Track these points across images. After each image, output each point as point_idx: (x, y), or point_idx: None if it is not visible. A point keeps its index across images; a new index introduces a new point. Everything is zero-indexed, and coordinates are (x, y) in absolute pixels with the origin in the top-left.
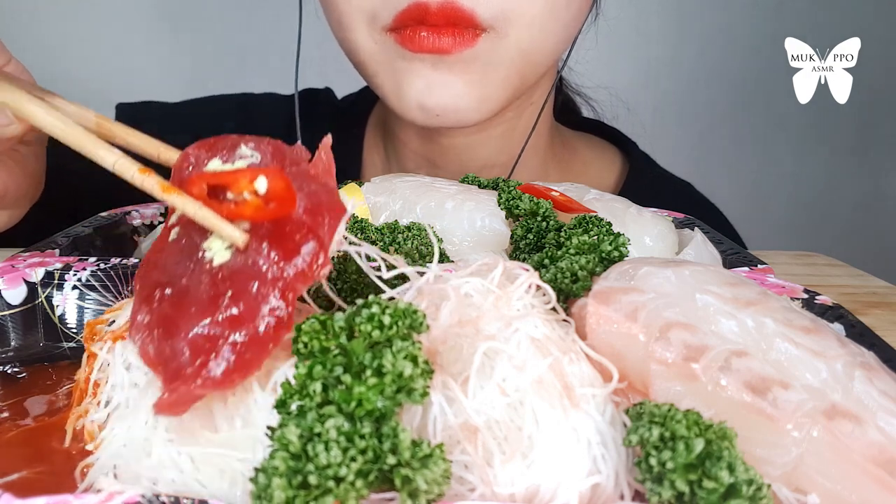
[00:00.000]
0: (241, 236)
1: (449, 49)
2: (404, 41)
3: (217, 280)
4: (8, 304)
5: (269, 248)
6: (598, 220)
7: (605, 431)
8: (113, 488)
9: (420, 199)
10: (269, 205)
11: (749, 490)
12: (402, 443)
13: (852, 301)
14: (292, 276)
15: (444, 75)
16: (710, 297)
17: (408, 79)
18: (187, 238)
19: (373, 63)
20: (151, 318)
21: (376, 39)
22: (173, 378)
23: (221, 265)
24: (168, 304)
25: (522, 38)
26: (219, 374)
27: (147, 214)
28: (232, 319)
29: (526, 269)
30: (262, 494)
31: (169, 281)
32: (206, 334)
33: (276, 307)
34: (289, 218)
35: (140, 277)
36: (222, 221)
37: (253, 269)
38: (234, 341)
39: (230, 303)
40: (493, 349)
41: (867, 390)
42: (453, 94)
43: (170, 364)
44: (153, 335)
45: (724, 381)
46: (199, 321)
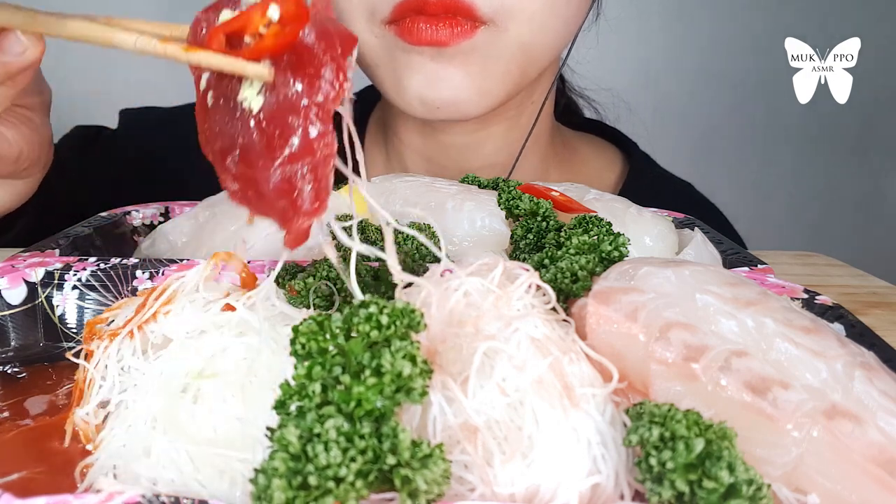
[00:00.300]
0: (267, 70)
1: (447, 41)
2: (403, 33)
3: (262, 127)
4: (8, 304)
5: (294, 78)
6: (598, 220)
7: (605, 431)
8: (113, 488)
9: (420, 199)
10: (286, 28)
11: (749, 490)
12: (401, 443)
13: (852, 301)
14: (321, 99)
15: (443, 67)
16: (710, 297)
17: (407, 72)
18: (223, 98)
19: (373, 57)
20: (239, 185)
21: (376, 33)
22: (284, 222)
23: (260, 110)
24: (242, 167)
25: (522, 32)
26: (310, 206)
27: (147, 214)
28: (292, 157)
29: (526, 269)
30: (261, 495)
31: (230, 144)
32: (282, 179)
33: (320, 131)
34: (305, 49)
35: (208, 151)
36: (246, 63)
37: (287, 103)
38: (303, 174)
39: (281, 142)
40: (492, 349)
41: (867, 390)
42: (453, 87)
43: (275, 214)
44: (250, 198)
45: (724, 381)
46: (270, 170)
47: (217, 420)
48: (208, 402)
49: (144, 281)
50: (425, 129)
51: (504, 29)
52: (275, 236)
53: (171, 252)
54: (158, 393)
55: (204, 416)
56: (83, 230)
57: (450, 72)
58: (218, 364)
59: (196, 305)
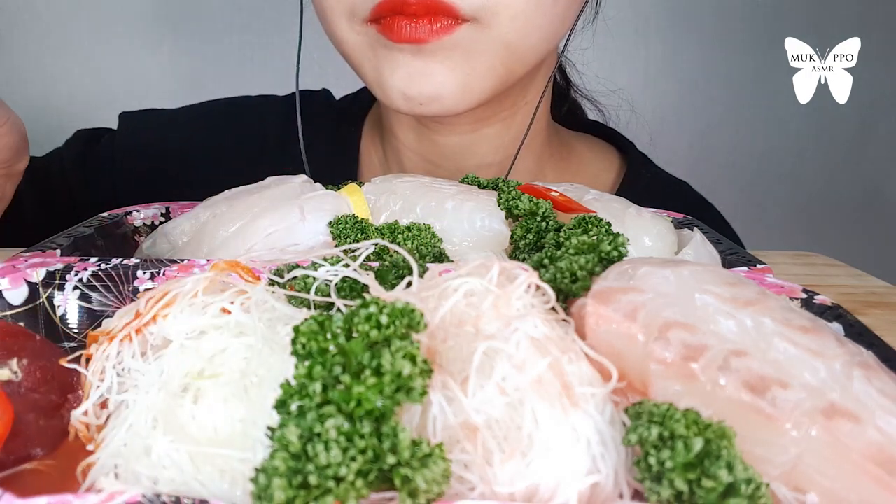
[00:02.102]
0: None
1: (425, 38)
2: (384, 31)
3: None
4: (9, 304)
5: None
6: (598, 220)
7: (605, 431)
8: (113, 488)
9: (420, 199)
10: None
11: (748, 489)
12: (401, 442)
13: (851, 301)
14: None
15: (425, 63)
16: (709, 297)
17: (389, 68)
18: None
19: (357, 54)
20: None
21: (357, 31)
22: None
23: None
24: None
25: (506, 30)
26: None
27: (148, 215)
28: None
29: (525, 269)
30: (262, 494)
31: None
32: None
33: None
34: None
35: None
36: None
37: None
38: None
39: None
40: (492, 349)
41: (866, 389)
42: (435, 83)
43: None
44: None
45: (722, 381)
46: None
47: (217, 420)
48: (209, 402)
49: (145, 281)
50: (420, 128)
51: (487, 26)
52: (275, 236)
53: (171, 252)
54: (159, 393)
55: (204, 416)
56: (84, 230)
57: (432, 67)
58: (218, 364)
59: (195, 308)
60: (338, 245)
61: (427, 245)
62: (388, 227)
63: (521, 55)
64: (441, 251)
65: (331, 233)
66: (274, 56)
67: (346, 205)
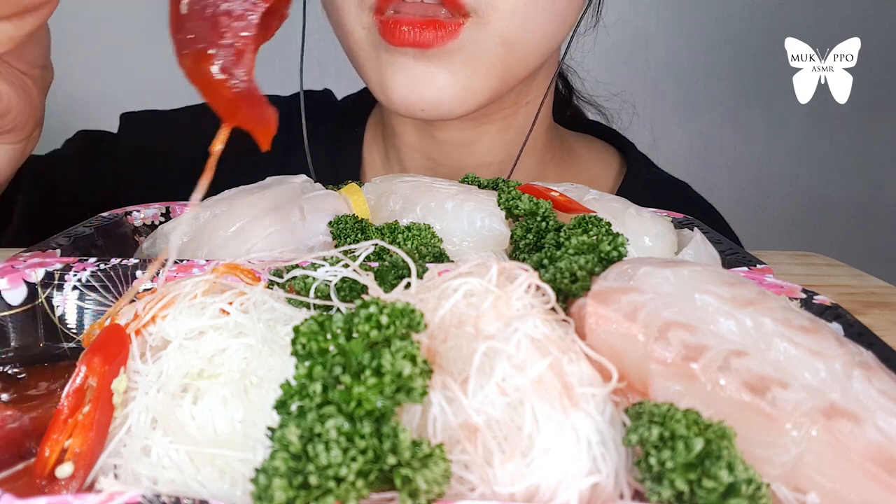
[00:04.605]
0: None
1: (430, 43)
2: (385, 33)
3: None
4: (8, 304)
5: None
6: (598, 220)
7: (605, 431)
8: (113, 488)
9: (420, 199)
10: None
11: (748, 489)
12: (402, 443)
13: (851, 301)
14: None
15: (427, 68)
16: (708, 297)
17: (391, 71)
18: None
19: (361, 52)
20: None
21: (364, 24)
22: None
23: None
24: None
25: (505, 26)
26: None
27: (148, 215)
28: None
29: (525, 268)
30: (262, 495)
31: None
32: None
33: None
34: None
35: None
36: None
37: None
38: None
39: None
40: (492, 349)
41: (866, 389)
42: (437, 88)
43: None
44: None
45: (723, 381)
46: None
47: (217, 420)
48: (208, 403)
49: (145, 281)
50: (421, 126)
51: (486, 21)
52: (275, 236)
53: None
54: (158, 393)
55: (204, 417)
56: (84, 230)
57: (433, 71)
58: (218, 365)
59: (194, 309)
60: (337, 245)
61: (427, 245)
62: (388, 228)
63: (521, 53)
64: (441, 251)
65: (331, 233)
66: (274, 56)
67: (345, 205)
